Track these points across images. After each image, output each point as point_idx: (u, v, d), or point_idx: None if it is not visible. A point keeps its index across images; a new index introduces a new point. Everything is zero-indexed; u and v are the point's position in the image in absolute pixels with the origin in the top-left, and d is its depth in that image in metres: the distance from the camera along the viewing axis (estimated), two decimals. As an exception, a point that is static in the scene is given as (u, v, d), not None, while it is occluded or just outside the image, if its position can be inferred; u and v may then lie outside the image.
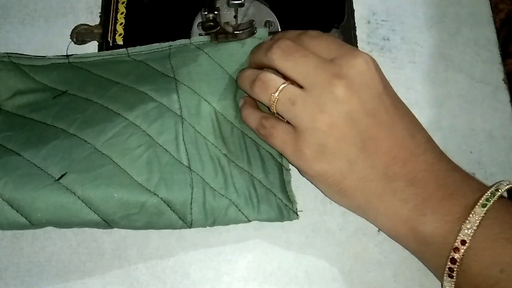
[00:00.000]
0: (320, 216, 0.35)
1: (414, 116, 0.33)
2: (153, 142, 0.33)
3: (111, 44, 0.39)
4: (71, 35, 0.40)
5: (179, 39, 0.38)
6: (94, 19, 0.40)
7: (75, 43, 0.39)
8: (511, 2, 0.57)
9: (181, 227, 0.32)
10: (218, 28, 0.37)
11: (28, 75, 0.36)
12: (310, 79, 0.31)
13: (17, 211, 0.30)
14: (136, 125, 0.33)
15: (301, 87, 0.32)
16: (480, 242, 0.28)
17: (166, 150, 0.33)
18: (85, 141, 0.33)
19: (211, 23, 0.36)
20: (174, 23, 0.40)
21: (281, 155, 0.34)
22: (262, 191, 0.33)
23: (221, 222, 0.33)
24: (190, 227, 0.32)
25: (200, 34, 0.39)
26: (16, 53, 0.37)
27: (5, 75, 0.36)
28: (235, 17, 0.38)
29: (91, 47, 0.39)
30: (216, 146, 0.34)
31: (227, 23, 0.37)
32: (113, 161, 0.32)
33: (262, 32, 0.36)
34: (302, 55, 0.31)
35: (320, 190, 0.33)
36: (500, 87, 0.39)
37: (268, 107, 0.33)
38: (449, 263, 0.28)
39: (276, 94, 0.32)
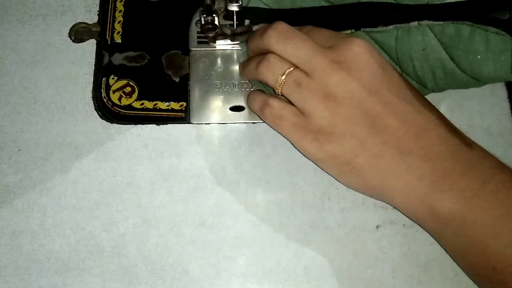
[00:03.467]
0: (318, 212, 0.35)
1: (421, 95, 0.33)
2: None
3: (109, 42, 0.39)
4: (69, 34, 0.40)
5: (177, 37, 0.38)
6: (92, 18, 0.40)
7: (73, 41, 0.39)
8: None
9: None
10: (216, 31, 0.37)
11: None
12: (311, 65, 0.31)
13: None
14: None
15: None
16: (499, 220, 0.27)
17: None
18: None
19: (210, 26, 0.36)
20: (172, 21, 0.40)
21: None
22: None
23: None
24: None
25: (198, 33, 0.39)
26: None
27: None
28: (233, 19, 0.38)
29: (89, 45, 0.40)
30: None
31: (226, 25, 0.37)
32: None
33: None
34: (301, 39, 0.32)
35: (332, 175, 0.33)
36: (497, 84, 0.39)
37: (273, 89, 0.33)
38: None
39: (283, 76, 0.32)
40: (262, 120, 0.35)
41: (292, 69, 0.32)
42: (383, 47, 0.35)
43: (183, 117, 0.37)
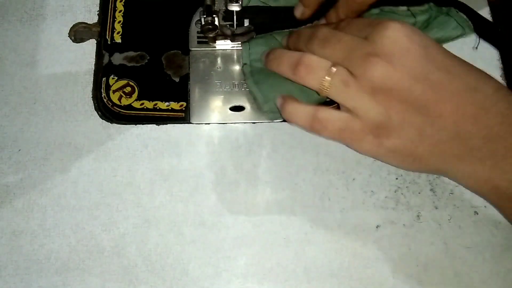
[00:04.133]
0: (319, 212, 0.35)
1: (475, 68, 0.31)
2: None
3: (109, 42, 0.39)
4: (69, 34, 0.40)
5: (177, 37, 0.38)
6: (92, 18, 0.40)
7: (73, 41, 0.39)
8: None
9: None
10: (216, 31, 0.37)
11: None
12: (351, 62, 0.30)
13: None
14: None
15: None
16: None
17: None
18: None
19: (210, 26, 0.36)
20: (172, 21, 0.40)
21: None
22: None
23: None
24: None
25: (198, 33, 0.39)
26: None
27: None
28: (233, 20, 0.38)
29: (89, 45, 0.40)
30: None
31: (226, 26, 0.37)
32: None
33: None
34: (337, 39, 0.31)
35: (394, 166, 0.34)
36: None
37: (317, 91, 0.32)
38: None
39: (328, 77, 0.31)
40: (308, 131, 0.34)
41: (336, 68, 0.31)
42: None
43: (183, 117, 0.38)
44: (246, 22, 0.38)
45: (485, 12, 0.41)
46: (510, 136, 0.29)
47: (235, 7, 0.34)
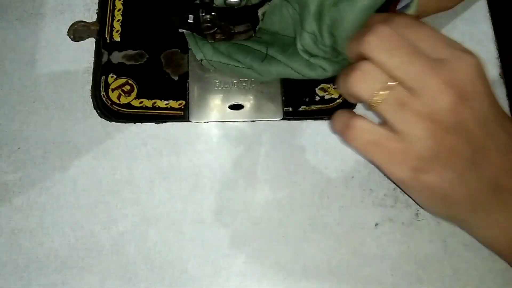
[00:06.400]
0: (317, 210, 0.35)
1: None
2: None
3: (108, 41, 0.39)
4: (68, 32, 0.40)
5: (176, 36, 0.38)
6: (91, 16, 0.41)
7: (72, 40, 0.39)
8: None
9: None
10: (215, 29, 0.37)
11: None
12: (420, 84, 0.27)
13: None
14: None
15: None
16: None
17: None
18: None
19: (208, 24, 0.36)
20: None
21: None
22: None
23: None
24: None
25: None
26: None
27: None
28: (231, 19, 0.38)
29: (88, 44, 0.40)
30: None
31: (224, 23, 0.37)
32: None
33: None
34: (409, 52, 0.27)
35: (418, 201, 0.32)
36: (496, 82, 0.39)
37: (368, 104, 0.28)
38: None
39: (384, 92, 0.28)
40: (346, 143, 0.30)
41: (395, 84, 0.27)
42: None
43: (182, 116, 0.38)
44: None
45: (485, 18, 0.41)
46: None
47: (233, 4, 0.34)
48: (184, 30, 0.38)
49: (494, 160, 0.28)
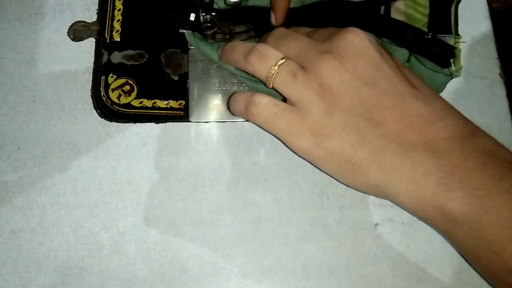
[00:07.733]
0: (317, 210, 0.35)
1: (426, 85, 0.31)
2: None
3: (108, 41, 0.39)
4: (68, 32, 0.40)
5: (176, 36, 0.38)
6: (91, 16, 0.40)
7: (72, 40, 0.39)
8: (505, 0, 0.57)
9: None
10: (215, 29, 0.37)
11: None
12: (303, 57, 0.30)
13: None
14: None
15: None
16: None
17: None
18: None
19: (209, 24, 0.36)
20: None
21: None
22: None
23: None
24: None
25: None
26: None
27: None
28: (231, 19, 0.38)
29: (88, 44, 0.40)
30: None
31: (225, 23, 0.37)
32: None
33: None
34: (294, 38, 0.31)
35: (331, 174, 0.31)
36: (496, 82, 0.39)
37: (264, 82, 0.32)
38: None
39: (276, 67, 0.30)
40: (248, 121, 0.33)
41: (285, 60, 0.31)
42: None
43: (182, 116, 0.38)
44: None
45: (485, 18, 0.41)
46: (457, 152, 0.27)
47: (233, 4, 0.34)
48: (184, 30, 0.38)
49: (394, 117, 0.28)
